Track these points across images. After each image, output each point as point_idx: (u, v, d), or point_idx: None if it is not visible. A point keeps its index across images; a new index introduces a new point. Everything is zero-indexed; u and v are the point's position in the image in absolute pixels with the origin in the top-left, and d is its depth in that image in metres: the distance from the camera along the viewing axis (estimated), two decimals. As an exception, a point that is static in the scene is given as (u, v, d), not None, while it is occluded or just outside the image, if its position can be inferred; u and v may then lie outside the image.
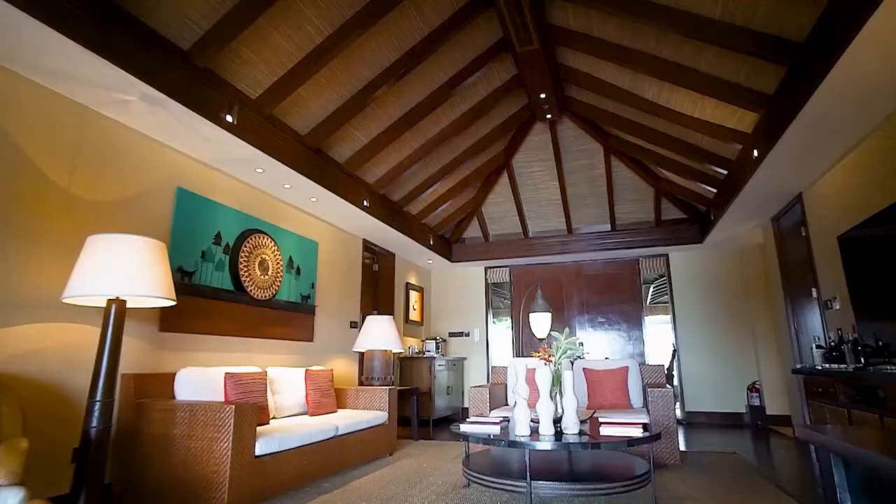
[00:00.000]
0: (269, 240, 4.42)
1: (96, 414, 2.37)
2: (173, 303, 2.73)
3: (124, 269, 2.43)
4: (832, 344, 3.29)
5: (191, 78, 3.08)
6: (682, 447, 4.78)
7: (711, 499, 2.96)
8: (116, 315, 2.47)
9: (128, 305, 2.57)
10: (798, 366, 4.83)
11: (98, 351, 2.42)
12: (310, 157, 4.26)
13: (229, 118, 3.33)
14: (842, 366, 3.06)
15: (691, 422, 6.61)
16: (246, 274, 4.09)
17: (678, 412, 6.64)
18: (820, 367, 3.21)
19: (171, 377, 3.16)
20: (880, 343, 2.80)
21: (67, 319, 2.77)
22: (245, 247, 4.11)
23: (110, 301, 2.47)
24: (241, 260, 4.04)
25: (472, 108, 5.08)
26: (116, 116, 3.11)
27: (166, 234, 3.44)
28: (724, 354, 6.67)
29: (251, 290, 4.13)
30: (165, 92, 2.88)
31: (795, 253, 4.90)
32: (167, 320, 3.38)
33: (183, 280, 3.52)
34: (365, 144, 4.73)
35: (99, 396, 2.38)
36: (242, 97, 3.54)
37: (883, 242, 2.78)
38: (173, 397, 3.11)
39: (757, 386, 6.28)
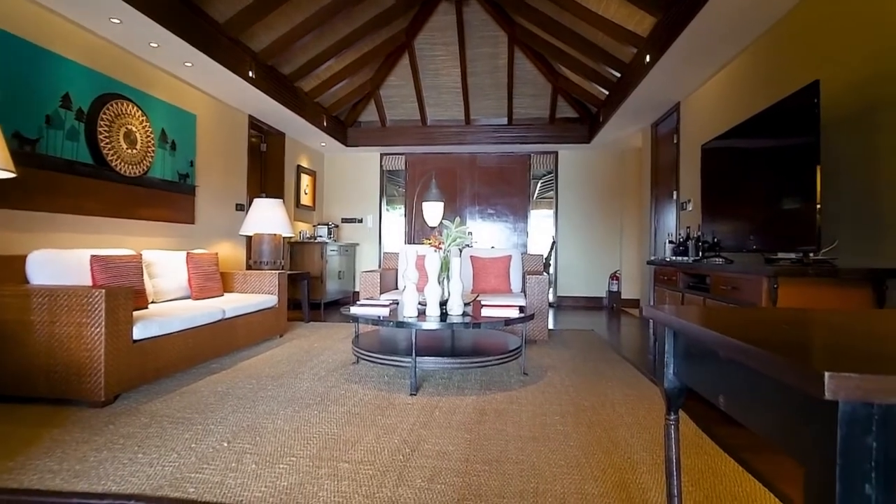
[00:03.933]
0: (136, 108, 3.86)
1: (-73, 298, 2.08)
2: (11, 174, 2.34)
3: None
4: (681, 240, 3.79)
5: None
6: (550, 326, 5.44)
7: (569, 366, 3.48)
8: (-63, 186, 2.07)
9: (-48, 175, 2.16)
10: (652, 258, 5.56)
11: (-82, 227, 2.06)
12: (181, 10, 3.63)
13: (67, -54, 2.67)
14: (684, 258, 3.58)
15: (561, 305, 7.47)
16: (108, 146, 3.58)
17: (551, 296, 7.44)
18: (668, 260, 3.73)
19: (21, 260, 2.81)
20: (715, 240, 3.29)
21: None
22: (105, 114, 3.55)
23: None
24: (100, 129, 3.51)
25: (374, -25, 4.58)
26: None
27: (-6, 90, 2.84)
28: (595, 246, 7.45)
29: (117, 166, 3.66)
30: None
31: (666, 158, 5.40)
32: (7, 196, 2.91)
33: (23, 149, 3.00)
34: (250, 4, 4.12)
35: (-72, 279, 2.07)
36: (83, -80, 2.83)
37: (731, 154, 3.15)
38: (27, 282, 2.79)
39: (617, 275, 7.19)
